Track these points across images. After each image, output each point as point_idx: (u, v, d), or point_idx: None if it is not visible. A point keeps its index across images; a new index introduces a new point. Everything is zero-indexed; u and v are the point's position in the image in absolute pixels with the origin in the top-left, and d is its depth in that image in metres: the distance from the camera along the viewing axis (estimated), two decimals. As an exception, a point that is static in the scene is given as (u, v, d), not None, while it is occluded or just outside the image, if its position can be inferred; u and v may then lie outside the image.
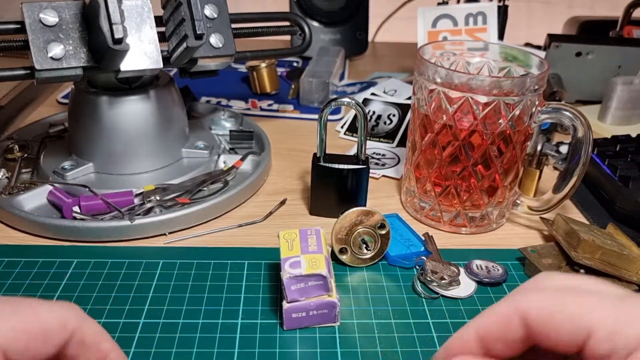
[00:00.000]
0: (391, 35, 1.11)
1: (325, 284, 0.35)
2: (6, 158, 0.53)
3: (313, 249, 0.36)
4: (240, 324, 0.36)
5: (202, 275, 0.41)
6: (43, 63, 0.40)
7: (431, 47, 0.48)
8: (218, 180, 0.50)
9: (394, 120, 0.65)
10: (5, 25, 0.42)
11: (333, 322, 0.36)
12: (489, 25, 0.71)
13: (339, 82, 0.82)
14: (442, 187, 0.46)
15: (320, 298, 0.35)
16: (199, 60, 0.48)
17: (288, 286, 0.34)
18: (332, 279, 0.36)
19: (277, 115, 0.70)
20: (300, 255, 0.36)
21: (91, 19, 0.40)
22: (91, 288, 0.39)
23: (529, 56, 0.47)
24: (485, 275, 0.41)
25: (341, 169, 0.47)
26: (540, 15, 1.24)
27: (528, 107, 0.42)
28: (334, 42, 0.92)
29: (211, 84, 0.78)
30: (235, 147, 0.58)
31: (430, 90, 0.44)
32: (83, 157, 0.50)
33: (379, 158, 0.59)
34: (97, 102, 0.47)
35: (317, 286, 0.35)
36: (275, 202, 0.50)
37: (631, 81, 0.67)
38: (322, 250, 0.36)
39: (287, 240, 0.37)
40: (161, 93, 0.50)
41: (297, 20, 0.56)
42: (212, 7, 0.48)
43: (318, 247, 0.37)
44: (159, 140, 0.50)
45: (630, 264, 0.40)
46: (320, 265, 0.35)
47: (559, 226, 0.44)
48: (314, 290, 0.35)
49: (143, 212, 0.45)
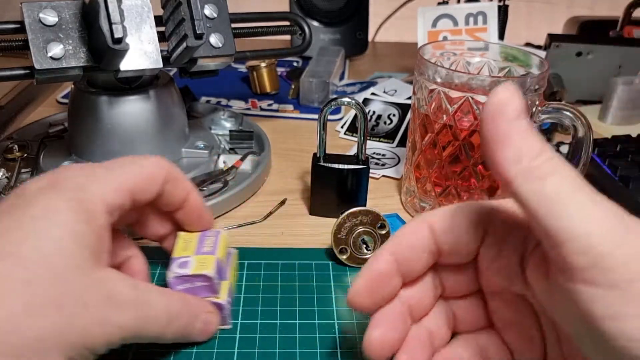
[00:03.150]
0: (391, 35, 1.11)
1: (211, 285, 0.34)
2: (6, 158, 0.53)
3: (207, 250, 0.35)
4: (240, 324, 0.36)
5: (202, 276, 0.40)
6: (43, 63, 0.40)
7: (431, 47, 0.48)
8: (218, 180, 0.50)
9: (394, 120, 0.65)
10: (5, 25, 0.42)
11: (223, 325, 0.36)
12: (489, 25, 0.71)
13: (339, 82, 0.82)
14: (443, 187, 0.46)
15: (207, 299, 0.34)
16: (198, 60, 0.48)
17: (173, 286, 0.34)
18: (227, 280, 0.36)
19: (277, 115, 0.70)
20: (191, 255, 0.35)
21: (91, 19, 0.40)
22: (91, 288, 0.39)
23: (529, 56, 0.46)
24: (485, 275, 0.41)
25: (341, 169, 0.47)
26: (541, 15, 1.24)
27: (528, 107, 0.42)
28: (334, 42, 0.92)
29: (211, 84, 0.78)
30: (235, 147, 0.58)
31: (430, 90, 0.44)
32: (83, 157, 0.50)
33: (379, 158, 0.59)
34: (96, 102, 0.47)
35: (203, 287, 0.34)
36: (275, 202, 0.50)
37: (631, 81, 0.67)
38: (216, 252, 0.35)
39: (184, 240, 0.36)
40: (161, 93, 0.50)
41: (297, 20, 0.56)
42: (211, 6, 0.48)
43: (213, 248, 0.35)
44: (158, 140, 0.50)
45: (630, 264, 0.40)
46: (207, 266, 0.34)
47: (559, 226, 0.44)
48: (201, 291, 0.34)
49: (143, 212, 0.45)
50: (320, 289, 0.40)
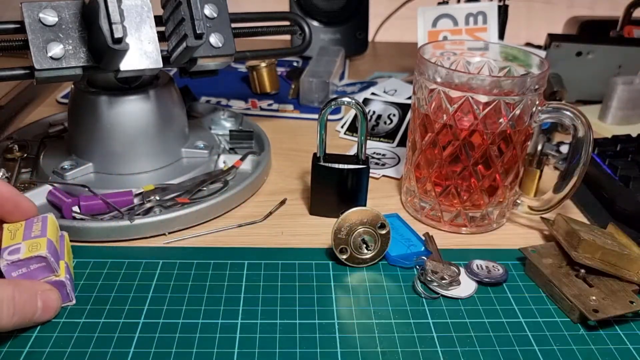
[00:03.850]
0: (391, 35, 1.11)
1: (48, 265, 0.35)
2: (6, 158, 0.53)
3: (36, 234, 0.36)
4: (240, 324, 0.36)
5: (201, 276, 0.40)
6: (43, 63, 0.40)
7: (431, 47, 0.48)
8: (218, 180, 0.50)
9: (394, 120, 0.65)
10: (5, 25, 0.42)
11: (69, 301, 0.37)
12: (489, 25, 0.71)
13: (339, 82, 0.82)
14: (443, 186, 0.46)
15: (47, 279, 0.35)
16: (198, 59, 0.48)
17: (8, 274, 0.34)
18: (63, 260, 0.37)
19: (277, 115, 0.70)
20: (21, 242, 0.35)
21: (91, 19, 0.40)
22: (91, 288, 0.39)
23: (530, 56, 0.46)
24: (485, 275, 0.41)
25: (341, 169, 0.46)
26: (541, 15, 1.24)
27: (528, 106, 0.42)
28: (334, 42, 0.92)
29: (211, 84, 0.78)
30: (235, 147, 0.58)
31: (430, 90, 0.44)
32: (83, 157, 0.50)
33: (379, 158, 0.59)
34: (96, 102, 0.47)
35: (40, 268, 0.35)
36: (275, 202, 0.50)
37: (631, 81, 0.67)
38: (46, 233, 0.36)
39: (10, 230, 0.37)
40: (161, 93, 0.50)
41: (297, 20, 0.56)
42: (211, 6, 0.48)
43: (42, 232, 0.36)
44: (158, 140, 0.50)
45: (630, 263, 0.40)
46: (40, 247, 0.35)
47: (559, 226, 0.44)
48: (39, 272, 0.35)
49: (143, 212, 0.45)
50: (320, 289, 0.40)
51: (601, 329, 0.37)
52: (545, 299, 0.40)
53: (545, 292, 0.40)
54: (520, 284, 0.41)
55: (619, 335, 0.37)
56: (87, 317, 0.36)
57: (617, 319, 0.38)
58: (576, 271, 0.40)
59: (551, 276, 0.40)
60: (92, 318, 0.36)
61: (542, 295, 0.40)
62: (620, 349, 0.35)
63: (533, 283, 0.41)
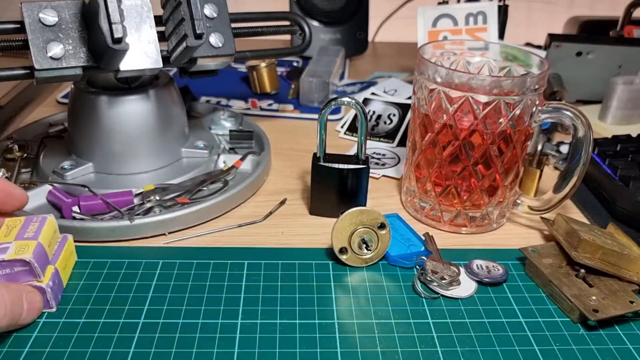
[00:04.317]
0: (391, 35, 1.11)
1: (31, 269, 0.35)
2: (6, 158, 0.53)
3: (29, 235, 0.36)
4: (240, 324, 0.36)
5: (202, 275, 0.40)
6: (42, 63, 0.40)
7: (431, 47, 0.48)
8: (218, 180, 0.50)
9: (394, 120, 0.65)
10: (5, 25, 0.42)
11: (49, 308, 0.36)
12: (489, 25, 0.71)
13: (339, 82, 0.82)
14: (443, 186, 0.46)
15: (29, 283, 0.35)
16: (198, 59, 0.48)
17: None
18: (53, 265, 0.37)
19: (277, 115, 0.70)
20: (12, 241, 0.35)
21: (91, 19, 0.40)
22: (90, 288, 0.39)
23: (530, 56, 0.46)
24: (485, 275, 0.41)
25: (341, 169, 0.46)
26: (541, 15, 1.24)
27: (528, 106, 0.42)
28: (334, 42, 0.92)
29: (211, 84, 0.78)
30: (235, 147, 0.58)
31: (430, 90, 0.44)
32: (82, 157, 0.50)
33: (379, 158, 0.59)
34: (96, 102, 0.47)
35: (24, 272, 0.35)
36: (275, 202, 0.50)
37: (631, 81, 0.67)
38: (39, 236, 0.36)
39: (8, 226, 0.37)
40: (161, 93, 0.50)
41: (297, 20, 0.56)
42: (211, 6, 0.48)
43: (35, 234, 0.36)
44: (158, 140, 0.50)
45: (630, 263, 0.40)
46: (27, 250, 0.34)
47: (559, 226, 0.44)
48: (22, 275, 0.35)
49: (143, 212, 0.45)
50: (320, 289, 0.40)
51: (601, 329, 0.37)
52: (545, 299, 0.40)
53: (545, 292, 0.40)
54: (520, 284, 0.41)
55: (619, 335, 0.37)
56: (87, 317, 0.36)
57: (617, 319, 0.38)
58: (576, 271, 0.40)
59: (551, 276, 0.40)
60: (92, 318, 0.36)
61: (542, 295, 0.40)
62: (620, 349, 0.35)
63: (533, 283, 0.41)
